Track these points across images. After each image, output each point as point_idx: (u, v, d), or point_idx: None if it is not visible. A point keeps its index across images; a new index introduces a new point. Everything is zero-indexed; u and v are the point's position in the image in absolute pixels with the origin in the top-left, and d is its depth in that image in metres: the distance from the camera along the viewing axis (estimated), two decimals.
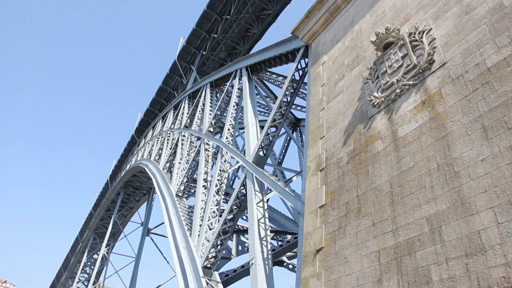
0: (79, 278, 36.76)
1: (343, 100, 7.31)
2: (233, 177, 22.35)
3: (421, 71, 5.62)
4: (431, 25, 5.85)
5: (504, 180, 3.81)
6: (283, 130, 19.55)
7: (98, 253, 34.53)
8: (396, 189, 5.14)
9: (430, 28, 5.82)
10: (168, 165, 19.61)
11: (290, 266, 15.64)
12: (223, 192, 12.85)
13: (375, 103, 6.24)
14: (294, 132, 19.68)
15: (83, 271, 37.22)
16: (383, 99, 6.13)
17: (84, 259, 36.47)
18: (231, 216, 10.79)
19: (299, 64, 11.04)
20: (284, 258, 15.46)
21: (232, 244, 14.38)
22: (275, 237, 14.69)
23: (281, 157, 20.82)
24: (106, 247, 32.67)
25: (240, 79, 15.37)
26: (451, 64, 5.19)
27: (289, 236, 14.44)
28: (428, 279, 4.11)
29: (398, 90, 5.88)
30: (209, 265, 10.47)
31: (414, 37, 5.97)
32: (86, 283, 36.83)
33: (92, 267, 36.80)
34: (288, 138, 20.37)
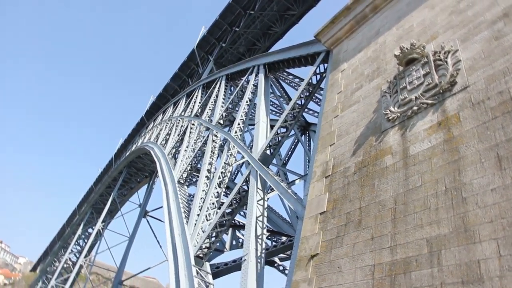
0: (71, 249, 37.13)
1: (358, 110, 7.25)
2: (236, 172, 22.34)
3: (441, 91, 5.54)
4: (458, 46, 5.77)
5: None
6: (292, 132, 19.48)
7: (94, 227, 34.84)
8: (400, 206, 5.09)
9: (457, 49, 5.74)
10: (173, 151, 19.66)
11: (281, 268, 15.61)
12: (225, 185, 12.86)
13: (390, 118, 6.18)
14: (303, 136, 19.59)
15: (76, 243, 37.59)
16: (398, 114, 6.07)
17: (79, 231, 36.84)
18: (230, 210, 10.80)
19: (318, 68, 10.98)
20: (276, 259, 15.45)
21: (227, 237, 14.41)
22: (270, 237, 14.69)
23: (286, 158, 20.76)
24: (102, 222, 32.93)
25: (256, 75, 15.33)
26: (473, 88, 5.12)
27: (284, 238, 14.43)
28: None
29: (415, 108, 5.81)
30: (201, 255, 10.49)
31: (439, 56, 5.89)
32: (78, 255, 37.19)
33: (86, 240, 37.14)
34: (296, 140, 20.29)
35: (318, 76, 11.19)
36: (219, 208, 11.83)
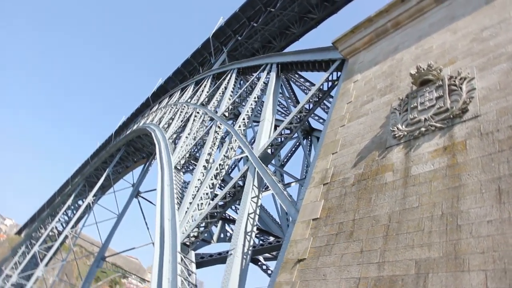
0: (59, 219, 37.18)
1: (365, 123, 7.25)
2: (234, 166, 22.35)
3: (451, 116, 5.54)
4: (475, 75, 5.75)
5: (505, 247, 3.76)
6: (295, 135, 19.49)
7: (84, 200, 34.89)
8: (394, 224, 5.09)
9: (473, 77, 5.72)
10: (174, 136, 19.66)
11: (264, 267, 15.67)
12: (221, 178, 12.87)
13: (396, 135, 6.18)
14: (305, 140, 19.60)
15: (65, 213, 37.63)
16: (405, 133, 6.07)
17: (69, 202, 36.87)
18: (223, 202, 10.81)
19: (331, 75, 10.97)
20: (261, 258, 15.50)
21: (215, 229, 14.44)
22: (258, 235, 14.71)
23: (285, 160, 20.78)
24: (93, 196, 32.98)
25: (268, 73, 15.32)
26: (484, 118, 5.11)
27: (271, 238, 14.46)
28: None
29: (423, 129, 5.81)
30: (188, 243, 10.52)
31: (454, 81, 5.88)
32: (64, 225, 37.27)
33: (75, 212, 37.19)
34: (298, 144, 20.30)
35: (330, 83, 11.17)
36: (212, 199, 11.84)
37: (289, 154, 20.73)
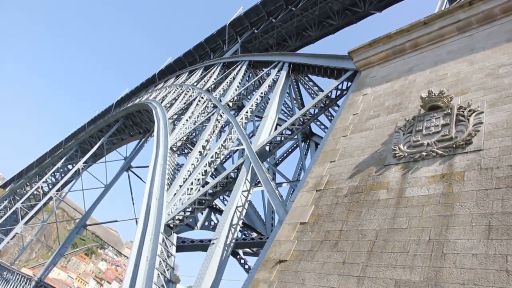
0: (46, 179, 37.08)
1: (368, 137, 7.27)
2: (228, 157, 22.36)
3: (454, 146, 5.57)
4: (484, 109, 5.79)
5: (486, 282, 3.81)
6: (295, 137, 19.51)
7: (75, 165, 34.80)
8: (380, 242, 5.13)
9: (482, 111, 5.76)
10: (175, 117, 19.61)
11: (242, 261, 15.75)
12: (215, 166, 12.89)
13: (396, 155, 6.21)
14: (303, 143, 19.63)
15: (53, 174, 37.51)
16: (406, 154, 6.10)
17: (59, 164, 36.75)
18: (212, 191, 10.83)
19: (341, 84, 10.97)
20: (240, 252, 15.57)
21: (201, 216, 14.47)
22: (241, 229, 14.77)
23: (280, 159, 20.82)
24: (84, 163, 32.89)
25: (279, 71, 15.30)
26: (486, 153, 5.15)
27: (254, 234, 14.53)
28: None
29: (424, 153, 5.84)
30: (172, 225, 10.54)
31: (463, 112, 5.91)
32: (50, 187, 37.15)
33: (63, 175, 37.07)
34: (295, 146, 20.33)
35: (338, 92, 11.18)
36: (203, 186, 11.85)
37: (285, 155, 20.77)
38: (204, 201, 10.73)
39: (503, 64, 6.47)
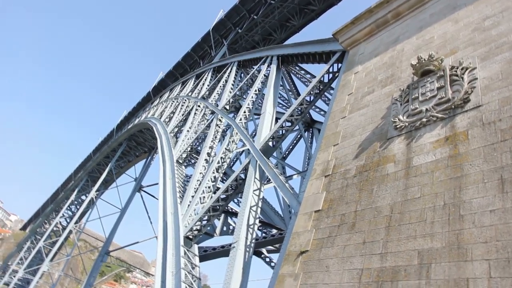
0: (63, 214, 37.38)
1: (366, 114, 7.23)
2: (235, 160, 22.37)
3: (453, 107, 5.51)
4: (477, 64, 5.72)
5: (508, 237, 3.76)
6: (296, 127, 19.46)
7: (87, 195, 35.04)
8: (396, 215, 5.10)
9: (475, 67, 5.69)
10: (176, 130, 19.67)
11: (267, 260, 15.74)
12: (223, 171, 12.89)
13: (397, 126, 6.16)
14: (307, 132, 19.57)
15: (68, 208, 37.82)
16: (407, 124, 6.05)
17: (73, 197, 37.04)
18: (225, 195, 10.84)
19: (331, 67, 10.91)
20: (264, 250, 15.57)
21: (218, 223, 14.49)
22: (260, 228, 14.77)
23: (287, 152, 20.77)
24: (96, 191, 33.11)
25: (268, 66, 15.25)
26: (486, 108, 5.09)
27: (274, 230, 14.52)
28: None
29: (424, 119, 5.79)
30: (191, 237, 10.57)
31: (456, 71, 5.84)
32: (68, 220, 37.48)
33: (78, 207, 37.38)
34: (299, 136, 20.27)
35: (330, 75, 11.12)
36: (214, 193, 11.87)
37: (291, 147, 20.72)
38: (218, 207, 10.74)
39: (487, 16, 6.39)
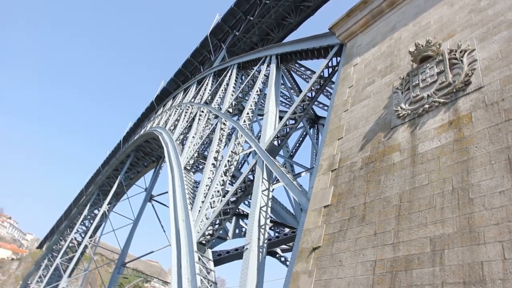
0: (77, 229, 37.74)
1: (368, 106, 7.19)
2: (243, 162, 22.38)
3: (454, 90, 5.46)
4: (475, 46, 5.66)
5: None
6: (301, 124, 19.43)
7: (99, 209, 35.32)
8: (405, 204, 5.06)
9: (473, 49, 5.63)
10: (181, 137, 19.75)
11: (282, 259, 15.69)
12: (231, 174, 12.90)
13: (400, 115, 6.12)
14: (312, 129, 19.51)
15: (82, 223, 38.17)
16: (409, 111, 6.00)
17: (85, 212, 37.37)
18: (234, 198, 10.85)
19: (330, 61, 10.88)
20: (278, 250, 15.52)
21: (230, 226, 14.49)
22: (273, 228, 14.74)
23: (294, 151, 20.72)
24: (108, 204, 33.36)
25: (268, 65, 15.25)
26: (488, 89, 5.03)
27: (287, 229, 14.46)
28: None
29: (426, 106, 5.74)
30: (204, 242, 10.59)
31: (455, 55, 5.79)
32: (83, 235, 37.78)
33: (91, 221, 37.68)
34: (304, 133, 20.23)
35: (330, 69, 11.08)
36: (224, 196, 11.89)
37: (297, 144, 20.67)
38: (228, 210, 10.75)
39: None
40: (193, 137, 17.73)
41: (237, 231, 14.73)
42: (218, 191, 12.06)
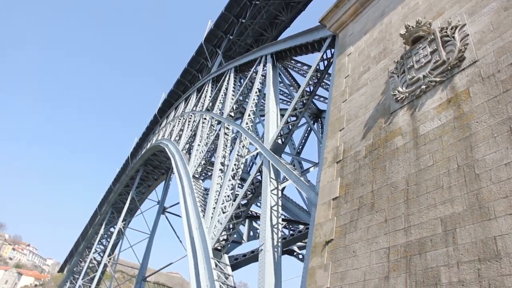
0: (95, 249, 38.04)
1: (366, 93, 7.15)
2: (251, 164, 22.38)
3: (449, 68, 5.41)
4: (466, 21, 5.60)
5: None
6: (304, 120, 19.39)
7: (115, 226, 35.57)
8: (412, 187, 5.02)
9: (464, 24, 5.57)
10: (187, 146, 19.82)
11: (300, 256, 15.63)
12: (239, 177, 12.92)
13: (398, 98, 6.07)
14: (315, 123, 19.46)
15: (99, 242, 38.47)
16: (407, 94, 5.96)
17: (101, 231, 37.66)
18: (245, 201, 10.86)
19: (325, 54, 10.85)
20: (295, 248, 15.48)
21: (243, 229, 14.50)
22: (287, 226, 14.71)
23: (300, 147, 20.68)
24: (122, 221, 33.58)
25: (264, 65, 15.26)
26: (482, 62, 4.98)
27: (301, 226, 14.41)
28: (437, 281, 4.02)
29: (423, 86, 5.69)
30: (219, 248, 10.60)
31: (446, 32, 5.73)
32: (101, 254, 38.07)
33: (108, 240, 37.97)
34: (309, 128, 20.17)
35: (326, 62, 11.06)
36: (234, 200, 11.89)
37: (303, 141, 20.62)
38: (240, 214, 10.76)
39: None
40: (199, 145, 17.79)
41: (251, 233, 14.74)
42: (228, 196, 12.08)
